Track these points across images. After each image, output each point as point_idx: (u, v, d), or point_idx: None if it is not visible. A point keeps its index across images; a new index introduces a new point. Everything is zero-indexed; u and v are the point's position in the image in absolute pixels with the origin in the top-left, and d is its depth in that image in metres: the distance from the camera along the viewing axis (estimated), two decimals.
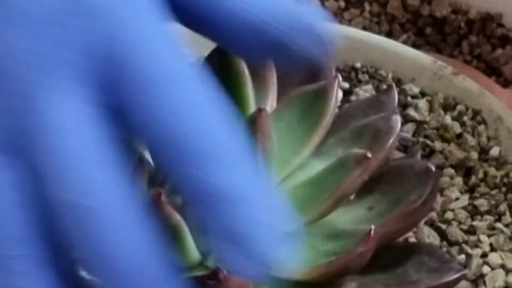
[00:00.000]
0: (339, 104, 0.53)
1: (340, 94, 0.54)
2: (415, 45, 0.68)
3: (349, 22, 0.68)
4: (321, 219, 0.41)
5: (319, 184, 0.42)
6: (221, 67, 0.45)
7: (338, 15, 0.69)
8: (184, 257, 0.40)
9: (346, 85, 0.55)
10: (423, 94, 0.54)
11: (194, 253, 0.40)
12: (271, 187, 0.38)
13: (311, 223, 0.41)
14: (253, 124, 0.41)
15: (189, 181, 0.30)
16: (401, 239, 0.45)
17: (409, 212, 0.41)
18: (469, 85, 0.53)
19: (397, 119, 0.44)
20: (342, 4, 0.69)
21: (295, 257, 0.32)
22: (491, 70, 0.66)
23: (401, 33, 0.69)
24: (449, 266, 0.41)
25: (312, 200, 0.41)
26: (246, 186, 0.31)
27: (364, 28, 0.68)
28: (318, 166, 0.44)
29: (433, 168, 0.42)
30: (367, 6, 0.69)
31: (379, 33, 0.68)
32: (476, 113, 0.53)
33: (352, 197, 0.43)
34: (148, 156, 0.42)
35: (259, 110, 0.41)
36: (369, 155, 0.40)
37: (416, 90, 0.54)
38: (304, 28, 0.34)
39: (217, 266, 0.37)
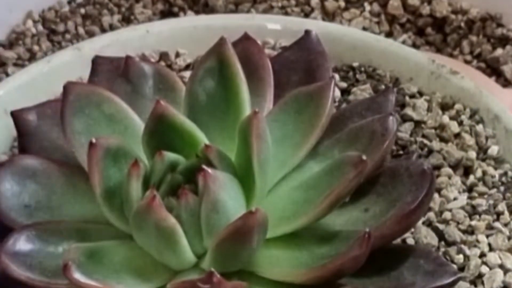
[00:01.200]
0: (336, 104, 0.52)
1: (338, 93, 0.54)
2: (415, 45, 0.68)
3: (349, 22, 0.68)
4: (316, 221, 0.41)
5: (314, 186, 0.42)
6: (216, 68, 0.45)
7: (338, 15, 0.69)
8: (179, 259, 0.40)
9: (343, 84, 0.54)
10: (421, 93, 0.54)
11: (188, 256, 0.40)
12: None
13: (307, 225, 0.41)
14: (249, 127, 0.41)
15: None
16: (398, 240, 0.44)
17: (405, 215, 0.41)
18: (467, 84, 0.53)
19: (394, 121, 0.43)
20: (342, 4, 0.69)
21: None
22: (491, 70, 0.66)
23: (401, 33, 0.68)
24: (444, 269, 0.41)
25: (308, 203, 0.41)
26: None
27: (364, 28, 0.67)
28: (314, 168, 0.44)
29: (429, 170, 0.42)
30: (367, 6, 0.69)
31: (379, 33, 0.67)
32: (474, 112, 0.52)
33: (347, 198, 0.43)
34: (143, 157, 0.43)
35: (255, 113, 0.41)
36: (364, 158, 0.40)
37: (414, 89, 0.54)
38: None
39: (211, 270, 0.37)
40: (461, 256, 0.45)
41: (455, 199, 0.48)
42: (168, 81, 0.48)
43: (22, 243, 0.41)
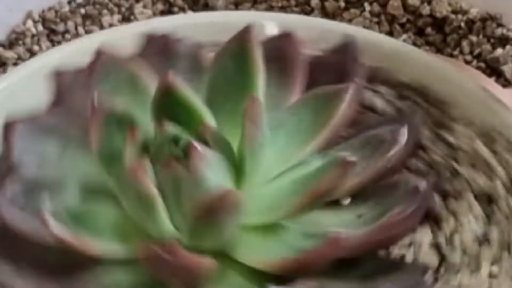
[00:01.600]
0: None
1: (379, 103, 0.53)
2: (415, 45, 0.68)
3: (349, 22, 0.68)
4: (298, 216, 0.41)
5: (302, 182, 0.41)
6: (238, 53, 0.45)
7: (338, 15, 0.69)
8: (158, 229, 0.40)
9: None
10: (462, 118, 0.52)
11: (167, 227, 0.40)
12: None
13: (288, 218, 0.41)
14: (244, 112, 0.40)
15: None
16: (397, 255, 0.43)
17: (389, 225, 0.41)
18: (507, 113, 0.50)
19: (404, 132, 0.44)
20: (342, 4, 0.69)
21: None
22: (491, 70, 0.66)
23: (401, 33, 0.69)
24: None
25: (289, 196, 0.41)
26: None
27: (364, 28, 0.67)
28: (315, 165, 0.44)
29: (422, 188, 0.42)
30: (367, 6, 0.69)
31: (379, 33, 0.67)
32: (510, 144, 0.51)
33: (347, 203, 0.44)
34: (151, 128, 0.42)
35: (252, 98, 0.41)
36: (351, 159, 0.40)
37: (456, 114, 0.53)
38: None
39: (173, 241, 0.37)
40: (459, 278, 0.44)
41: (469, 225, 0.47)
42: (200, 62, 0.48)
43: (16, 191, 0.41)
